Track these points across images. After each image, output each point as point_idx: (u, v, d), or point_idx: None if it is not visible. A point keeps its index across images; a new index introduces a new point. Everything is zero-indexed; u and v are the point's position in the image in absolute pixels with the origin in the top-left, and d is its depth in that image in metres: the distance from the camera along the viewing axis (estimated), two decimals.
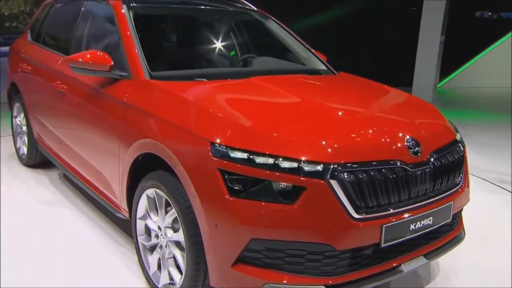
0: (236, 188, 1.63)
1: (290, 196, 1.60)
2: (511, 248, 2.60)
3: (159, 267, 2.10)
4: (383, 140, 1.81)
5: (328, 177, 1.59)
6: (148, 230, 2.16)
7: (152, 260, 2.12)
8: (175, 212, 1.87)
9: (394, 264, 1.82)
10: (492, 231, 2.96)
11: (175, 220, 1.92)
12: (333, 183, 1.60)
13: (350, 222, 1.62)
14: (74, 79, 2.70)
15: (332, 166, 1.61)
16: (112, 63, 2.30)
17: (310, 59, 3.06)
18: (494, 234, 2.91)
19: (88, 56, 2.30)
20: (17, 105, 3.76)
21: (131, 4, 2.65)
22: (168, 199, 1.90)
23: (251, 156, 1.62)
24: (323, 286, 1.65)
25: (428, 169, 1.83)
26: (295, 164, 1.60)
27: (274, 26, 3.22)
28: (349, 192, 1.62)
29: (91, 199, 3.13)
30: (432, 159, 1.86)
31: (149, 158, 2.06)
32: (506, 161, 4.37)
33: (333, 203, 1.60)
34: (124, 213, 2.36)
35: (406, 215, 1.75)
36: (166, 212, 1.98)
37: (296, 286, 1.66)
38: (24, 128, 3.66)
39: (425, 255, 1.92)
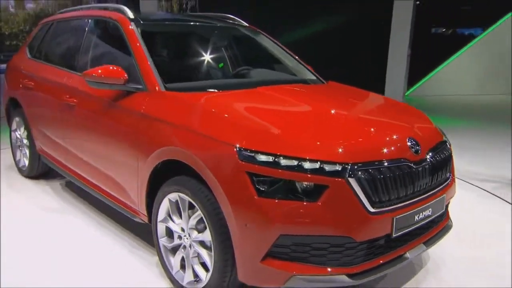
0: (262, 189, 1.65)
1: (313, 194, 1.65)
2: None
3: (182, 267, 2.08)
4: (389, 141, 1.89)
5: (347, 175, 1.65)
6: (169, 233, 2.14)
7: (174, 260, 2.10)
8: (200, 214, 1.87)
9: (401, 253, 1.89)
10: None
11: (199, 222, 1.92)
12: (351, 181, 1.65)
13: (367, 216, 1.68)
14: (85, 93, 2.67)
15: (350, 166, 1.67)
16: (127, 77, 2.28)
17: (302, 70, 3.12)
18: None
19: (104, 70, 2.29)
20: (16, 119, 3.68)
21: (138, 22, 2.65)
22: (193, 202, 1.89)
23: (276, 159, 1.66)
24: (345, 276, 1.70)
25: (427, 166, 1.92)
26: (317, 165, 1.65)
27: (266, 40, 3.28)
28: (365, 188, 1.68)
29: (98, 206, 3.09)
30: (429, 157, 1.95)
31: (167, 165, 2.05)
32: (481, 161, 4.58)
33: (352, 199, 1.66)
34: (143, 218, 2.33)
35: (412, 207, 1.83)
36: (189, 215, 1.97)
37: (320, 276, 1.69)
38: (25, 141, 3.59)
39: (425, 243, 2.01)
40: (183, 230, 2.02)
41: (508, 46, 10.34)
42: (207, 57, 3.12)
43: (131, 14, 2.70)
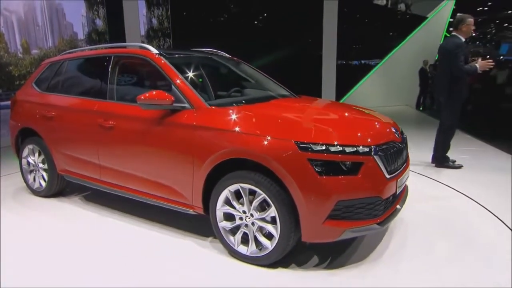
0: (319, 170, 1.83)
1: (354, 170, 1.89)
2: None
3: (242, 242, 2.16)
4: (385, 130, 2.23)
5: (373, 154, 1.90)
6: (227, 217, 2.21)
7: (235, 238, 2.18)
8: (264, 197, 1.99)
9: (396, 206, 2.19)
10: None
11: (261, 203, 2.03)
12: (376, 158, 1.93)
13: (386, 181, 1.97)
14: (124, 116, 2.65)
15: (373, 147, 1.93)
16: (173, 98, 2.33)
17: (278, 87, 3.23)
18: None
19: (155, 94, 2.32)
20: (29, 147, 3.49)
21: (165, 56, 2.69)
22: (256, 189, 2.00)
23: (326, 147, 1.88)
24: (376, 224, 1.96)
25: (403, 145, 2.29)
26: (354, 149, 1.89)
27: (247, 67, 3.41)
28: (383, 162, 1.97)
29: (125, 210, 3.04)
30: (403, 139, 2.31)
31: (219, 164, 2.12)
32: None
33: (377, 170, 1.94)
34: (198, 210, 2.36)
35: (401, 173, 2.17)
36: (250, 200, 2.07)
37: (361, 227, 1.93)
38: (41, 165, 3.45)
39: (400, 203, 2.28)
40: (244, 212, 2.10)
41: (402, 70, 11.57)
42: (215, 80, 3.16)
43: (156, 50, 2.74)
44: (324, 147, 1.88)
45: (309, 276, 2.01)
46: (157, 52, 2.70)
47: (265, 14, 9.44)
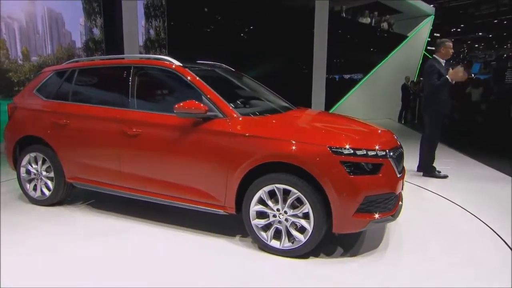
0: (349, 170, 2.25)
1: (375, 170, 2.32)
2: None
3: (274, 237, 2.49)
4: (391, 137, 2.69)
5: (388, 157, 2.35)
6: (260, 215, 2.52)
7: (268, 234, 2.50)
8: (297, 196, 2.34)
9: (400, 202, 2.60)
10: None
11: (295, 201, 2.38)
12: (390, 160, 2.38)
13: (398, 179, 2.43)
14: (152, 124, 2.81)
15: (388, 151, 2.39)
16: (207, 108, 2.57)
17: (279, 99, 3.47)
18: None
19: (192, 104, 2.55)
20: (31, 155, 3.48)
21: (190, 68, 2.91)
22: (291, 188, 2.35)
23: (353, 151, 2.29)
24: (390, 216, 2.40)
25: (402, 149, 2.73)
26: (375, 153, 2.33)
27: (249, 79, 3.69)
28: (395, 163, 2.41)
29: (136, 214, 3.21)
30: (401, 145, 2.76)
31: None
32: None
33: (392, 170, 2.38)
34: (230, 210, 2.61)
35: (404, 175, 2.64)
36: (284, 199, 2.41)
37: (381, 219, 2.34)
38: (45, 173, 3.46)
39: (401, 200, 2.64)
40: (278, 210, 2.44)
41: (384, 85, 12.39)
42: (231, 90, 3.37)
43: (179, 63, 2.93)
44: (352, 151, 2.27)
45: (334, 262, 2.38)
46: (181, 64, 2.92)
47: (256, 28, 9.93)
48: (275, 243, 2.47)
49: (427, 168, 4.66)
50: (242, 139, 2.47)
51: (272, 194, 2.45)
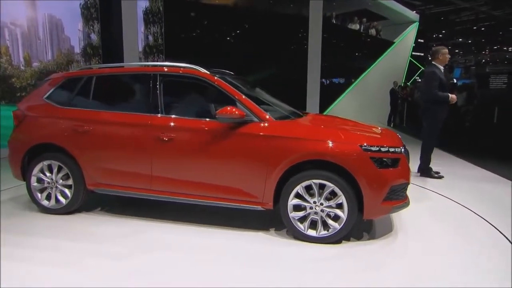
0: (377, 165, 2.74)
1: (395, 164, 2.85)
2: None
3: (309, 227, 2.93)
4: (398, 136, 3.28)
5: (403, 152, 2.87)
6: (296, 208, 2.94)
7: (305, 223, 2.93)
8: (332, 189, 2.80)
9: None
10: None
11: (329, 194, 2.84)
12: (405, 154, 2.90)
13: (409, 171, 2.95)
14: (187, 128, 3.09)
15: (403, 148, 2.93)
16: (244, 113, 2.94)
17: (286, 105, 3.77)
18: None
19: (230, 110, 2.90)
20: (45, 163, 3.53)
21: (219, 76, 3.23)
22: (326, 183, 2.81)
23: (379, 148, 2.80)
24: (406, 203, 2.94)
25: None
26: (394, 149, 2.86)
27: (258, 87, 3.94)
28: (407, 157, 2.95)
29: (152, 215, 3.47)
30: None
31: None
32: None
33: (406, 164, 2.92)
34: (267, 206, 2.98)
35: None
36: (320, 192, 2.86)
37: (400, 205, 2.89)
38: (62, 181, 3.53)
39: None
40: (314, 202, 2.88)
41: (373, 90, 13.22)
42: (253, 95, 3.59)
43: (207, 71, 3.23)
44: (378, 148, 2.78)
45: (361, 244, 2.88)
46: (209, 72, 3.26)
47: (251, 34, 10.45)
48: (311, 232, 2.90)
49: (424, 169, 5.27)
50: (280, 141, 2.87)
51: (307, 189, 2.89)
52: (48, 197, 3.58)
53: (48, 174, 3.55)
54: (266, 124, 2.97)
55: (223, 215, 3.49)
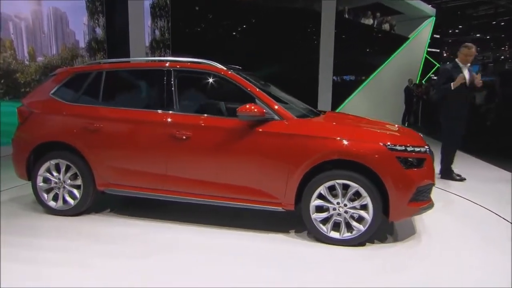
0: (403, 165, 2.78)
1: (420, 164, 2.89)
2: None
3: (332, 229, 2.97)
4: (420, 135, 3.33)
5: (428, 152, 2.93)
6: (318, 209, 2.98)
7: (327, 225, 2.97)
8: (357, 189, 2.84)
9: None
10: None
11: (353, 195, 2.88)
12: (430, 154, 2.95)
13: (434, 171, 3.00)
14: (205, 127, 3.11)
15: (428, 148, 2.96)
16: (265, 111, 2.96)
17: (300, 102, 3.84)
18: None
19: (253, 107, 2.93)
20: (52, 162, 3.50)
21: (236, 73, 3.25)
22: (351, 183, 2.84)
23: (404, 148, 2.84)
24: (430, 204, 3.00)
25: None
26: (419, 149, 2.90)
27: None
28: (432, 158, 2.99)
29: (166, 217, 3.49)
30: None
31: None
32: None
33: (431, 164, 2.96)
34: (289, 207, 3.00)
35: None
36: (343, 194, 2.90)
37: (426, 206, 2.94)
38: (70, 181, 3.51)
39: None
40: (338, 203, 2.92)
41: (386, 87, 13.22)
42: (270, 92, 3.60)
43: (224, 67, 3.27)
44: (403, 148, 2.82)
45: (386, 246, 2.92)
46: (226, 68, 3.27)
47: (261, 28, 10.50)
48: (334, 234, 2.94)
49: (444, 171, 5.28)
50: (303, 139, 2.90)
51: (330, 189, 2.92)
52: (55, 198, 3.55)
53: (55, 173, 3.52)
54: (287, 122, 3.00)
55: (235, 216, 3.54)
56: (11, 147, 3.71)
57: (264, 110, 2.98)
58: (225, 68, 3.29)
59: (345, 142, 2.86)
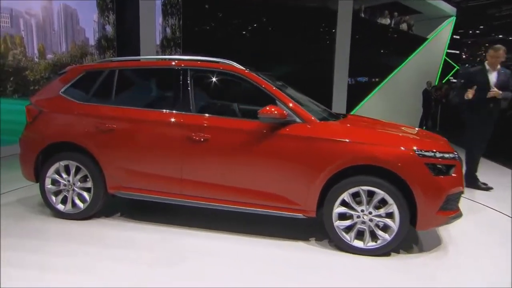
0: (432, 172, 2.75)
1: (449, 171, 2.86)
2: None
3: (355, 237, 2.94)
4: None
5: (457, 158, 2.90)
6: (341, 216, 2.96)
7: (350, 234, 2.94)
8: (382, 196, 2.81)
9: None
10: None
11: (378, 202, 2.85)
12: (459, 161, 2.93)
13: (463, 178, 2.97)
14: (224, 129, 3.09)
15: (457, 154, 2.94)
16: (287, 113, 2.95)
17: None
18: None
19: (275, 109, 2.92)
20: (61, 163, 3.48)
21: (255, 73, 3.24)
22: (376, 189, 2.82)
23: (433, 154, 2.82)
24: (459, 213, 2.95)
25: None
26: (448, 155, 2.87)
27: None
28: (461, 164, 2.95)
29: (177, 222, 3.52)
30: None
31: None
32: None
33: (460, 171, 2.92)
34: (310, 214, 2.99)
35: None
36: (368, 201, 2.87)
37: (454, 215, 2.90)
38: (80, 184, 3.49)
39: None
40: (362, 211, 2.89)
41: (403, 90, 13.12)
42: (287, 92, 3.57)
43: (242, 67, 3.26)
44: (432, 154, 2.79)
45: (412, 257, 2.87)
46: (245, 68, 3.27)
47: (274, 27, 10.52)
48: (358, 243, 2.91)
49: (468, 180, 5.15)
50: (327, 143, 2.88)
51: (353, 196, 2.89)
52: (64, 201, 3.53)
53: (64, 175, 3.50)
54: (310, 126, 2.99)
55: (247, 222, 3.51)
56: (19, 147, 3.70)
57: (286, 113, 2.98)
58: (244, 68, 3.29)
59: (371, 147, 2.84)
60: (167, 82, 3.55)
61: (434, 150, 2.83)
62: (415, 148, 2.80)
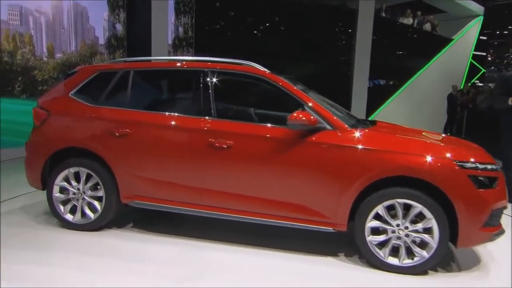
0: (476, 184, 2.67)
1: (492, 183, 2.76)
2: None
3: (390, 254, 2.85)
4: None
5: (500, 169, 2.81)
6: (374, 231, 2.87)
7: (384, 250, 2.85)
8: (420, 210, 2.72)
9: None
10: None
11: (415, 216, 2.76)
12: (502, 173, 2.84)
13: (506, 192, 2.85)
14: (249, 135, 3.02)
15: (499, 165, 2.86)
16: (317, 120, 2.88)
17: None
18: None
19: (302, 116, 2.85)
20: (71, 170, 3.40)
21: (279, 75, 3.23)
22: (413, 202, 2.73)
23: (476, 165, 2.73)
24: (502, 229, 2.86)
25: None
26: (491, 167, 2.78)
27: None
28: (504, 176, 2.88)
29: (194, 234, 3.47)
30: None
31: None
32: None
33: (504, 183, 2.83)
34: (340, 228, 2.92)
35: None
36: (404, 214, 2.79)
37: (498, 231, 2.80)
38: (90, 192, 3.41)
39: None
40: (397, 225, 2.80)
41: (426, 94, 12.95)
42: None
43: (265, 69, 3.20)
44: (475, 165, 2.70)
45: (451, 276, 2.82)
46: (266, 70, 3.20)
47: (289, 27, 10.48)
48: (392, 260, 2.82)
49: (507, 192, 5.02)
50: (360, 152, 2.82)
51: (388, 209, 2.81)
52: (73, 210, 3.45)
53: (74, 183, 3.42)
54: (341, 133, 2.92)
55: (267, 235, 3.44)
56: (24, 150, 3.61)
57: (316, 119, 2.90)
58: (267, 71, 3.23)
59: (409, 157, 2.76)
60: (185, 84, 3.51)
61: (477, 162, 2.75)
62: (457, 159, 2.72)
